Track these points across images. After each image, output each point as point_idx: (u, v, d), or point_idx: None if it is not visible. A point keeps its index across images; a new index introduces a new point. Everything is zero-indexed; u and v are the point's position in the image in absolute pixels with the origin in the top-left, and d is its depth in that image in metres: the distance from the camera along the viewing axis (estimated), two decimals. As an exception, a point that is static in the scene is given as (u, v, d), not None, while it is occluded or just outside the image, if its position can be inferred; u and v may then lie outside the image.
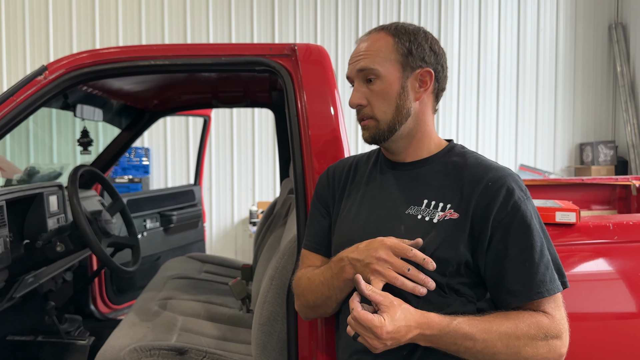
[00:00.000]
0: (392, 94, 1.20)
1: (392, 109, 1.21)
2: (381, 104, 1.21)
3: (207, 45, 1.70)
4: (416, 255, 1.08)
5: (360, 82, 1.23)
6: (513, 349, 1.06)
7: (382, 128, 1.22)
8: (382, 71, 1.19)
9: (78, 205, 1.95)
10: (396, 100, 1.20)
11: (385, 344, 1.03)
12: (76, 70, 1.59)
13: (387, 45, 1.21)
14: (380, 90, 1.20)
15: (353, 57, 1.25)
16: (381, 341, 1.02)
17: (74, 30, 5.27)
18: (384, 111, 1.21)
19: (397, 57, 1.20)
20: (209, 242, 5.52)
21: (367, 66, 1.20)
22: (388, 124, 1.21)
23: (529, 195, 1.16)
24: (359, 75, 1.23)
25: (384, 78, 1.20)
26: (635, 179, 3.15)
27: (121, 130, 2.96)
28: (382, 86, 1.20)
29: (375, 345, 1.03)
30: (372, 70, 1.20)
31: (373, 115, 1.22)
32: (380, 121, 1.21)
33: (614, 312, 1.43)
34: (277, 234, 2.17)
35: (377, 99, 1.21)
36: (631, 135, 5.70)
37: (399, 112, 1.21)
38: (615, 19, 5.98)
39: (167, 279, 2.63)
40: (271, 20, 5.53)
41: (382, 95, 1.20)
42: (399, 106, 1.21)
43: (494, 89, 5.91)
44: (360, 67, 1.21)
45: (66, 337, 2.43)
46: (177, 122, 5.48)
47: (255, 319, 1.64)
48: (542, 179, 3.53)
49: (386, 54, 1.20)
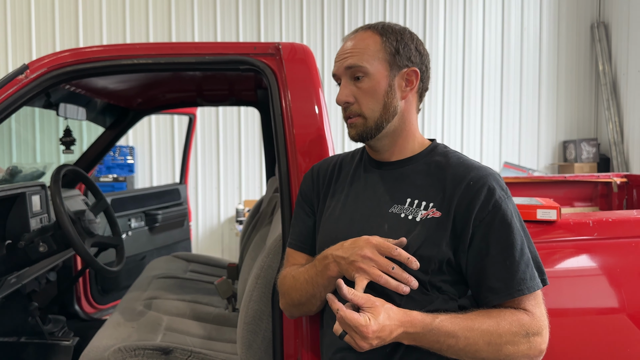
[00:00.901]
0: (379, 91, 1.21)
1: (379, 106, 1.21)
2: (369, 102, 1.21)
3: (191, 44, 1.69)
4: (400, 254, 1.09)
5: (347, 80, 1.23)
6: (495, 347, 1.07)
7: (369, 126, 1.22)
8: (370, 69, 1.20)
9: (61, 205, 1.93)
10: (384, 98, 1.21)
11: (370, 344, 1.03)
12: (58, 69, 1.57)
13: (375, 44, 1.21)
14: (368, 88, 1.21)
15: (340, 54, 1.25)
16: (367, 340, 1.02)
17: (56, 29, 5.20)
18: (372, 109, 1.22)
19: (385, 56, 1.21)
20: (195, 241, 5.50)
21: (355, 63, 1.21)
22: (375, 121, 1.22)
23: (510, 195, 1.18)
24: (347, 72, 1.23)
25: (372, 76, 1.20)
26: (617, 176, 3.20)
27: (105, 128, 2.93)
28: (370, 84, 1.21)
29: (361, 344, 1.03)
30: (360, 67, 1.20)
31: (361, 113, 1.22)
32: (368, 119, 1.22)
33: (594, 308, 1.45)
34: (263, 232, 2.18)
35: (365, 96, 1.21)
36: (613, 133, 5.78)
37: (386, 110, 1.22)
38: (597, 18, 6.06)
39: (152, 279, 2.62)
40: (257, 19, 5.51)
41: (370, 93, 1.21)
42: (386, 104, 1.22)
43: (479, 88, 5.96)
44: (349, 64, 1.22)
45: (50, 338, 2.41)
46: (162, 120, 5.44)
47: (241, 317, 1.64)
48: (526, 177, 3.56)
49: (374, 52, 1.21)
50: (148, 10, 5.32)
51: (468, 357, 1.09)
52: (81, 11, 5.22)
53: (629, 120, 5.67)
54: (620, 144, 5.76)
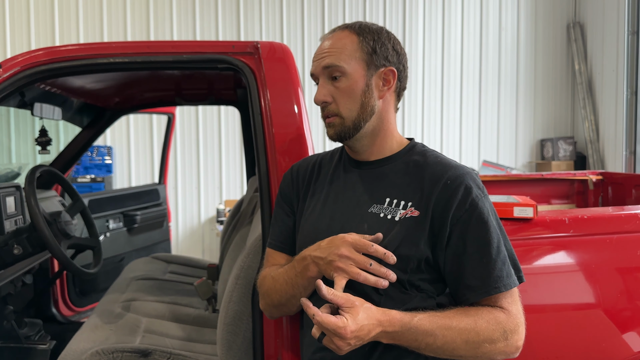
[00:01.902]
0: (357, 91, 1.21)
1: (357, 106, 1.22)
2: (346, 102, 1.22)
3: (168, 43, 1.67)
4: (377, 251, 1.10)
5: (325, 79, 1.23)
6: (472, 344, 1.08)
7: (347, 125, 1.22)
8: (347, 68, 1.20)
9: (36, 207, 1.89)
10: (361, 98, 1.21)
11: (349, 344, 1.03)
12: (31, 68, 1.54)
13: (352, 43, 1.22)
14: (345, 88, 1.21)
15: (317, 54, 1.25)
16: (345, 341, 1.03)
17: (32, 27, 5.10)
18: (349, 108, 1.22)
19: (362, 55, 1.21)
20: (175, 242, 5.45)
21: (332, 63, 1.21)
22: (353, 121, 1.22)
23: (486, 193, 1.19)
24: (324, 72, 1.23)
25: (349, 75, 1.21)
26: (593, 174, 3.26)
27: (82, 128, 2.89)
28: (347, 83, 1.21)
29: (340, 345, 1.03)
30: (337, 67, 1.20)
31: (338, 113, 1.23)
32: (346, 118, 1.22)
33: (570, 304, 1.47)
34: (243, 232, 2.16)
35: (343, 96, 1.22)
36: (589, 131, 5.88)
37: (363, 110, 1.22)
38: (573, 18, 6.15)
39: (130, 280, 2.59)
40: (236, 18, 5.48)
41: (348, 93, 1.21)
42: (363, 104, 1.22)
43: (458, 87, 6.01)
44: (326, 64, 1.22)
45: (26, 342, 2.36)
46: (140, 119, 5.37)
47: (221, 318, 1.63)
48: (504, 175, 3.61)
49: (351, 51, 1.21)
50: (126, 8, 5.25)
51: (446, 355, 1.10)
52: (57, 9, 5.13)
53: (604, 119, 5.77)
54: (595, 142, 5.86)
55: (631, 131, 5.44)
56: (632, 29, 5.38)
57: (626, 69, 5.41)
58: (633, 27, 5.37)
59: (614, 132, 5.62)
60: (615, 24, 5.54)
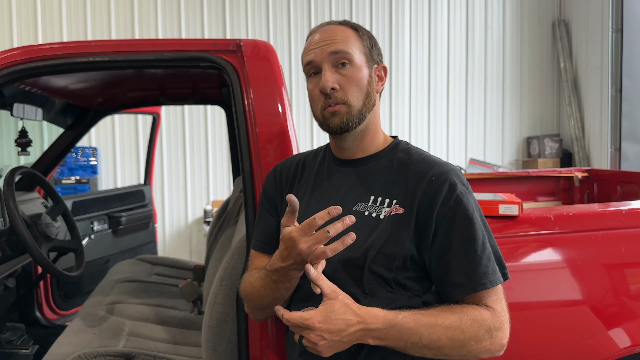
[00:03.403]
0: (363, 80, 1.21)
1: (363, 95, 1.21)
2: (354, 89, 1.20)
3: (149, 41, 1.64)
4: (322, 217, 1.02)
5: (329, 66, 1.20)
6: (458, 342, 1.07)
7: (353, 114, 1.20)
8: (355, 57, 1.20)
9: (15, 209, 1.86)
10: (367, 88, 1.22)
11: (323, 337, 1.01)
12: (8, 67, 1.51)
13: (354, 36, 1.23)
14: (353, 76, 1.20)
15: (319, 42, 1.22)
16: (317, 333, 1.00)
17: (14, 26, 5.03)
18: (357, 97, 1.20)
19: (363, 49, 1.23)
20: (162, 243, 5.40)
21: (342, 49, 1.19)
22: (359, 110, 1.20)
23: (471, 190, 1.19)
24: (330, 58, 1.20)
25: (356, 64, 1.20)
26: (578, 171, 3.28)
27: (64, 129, 2.84)
28: (354, 71, 1.20)
29: (315, 340, 1.01)
30: (346, 54, 1.19)
31: (346, 101, 1.19)
32: (353, 107, 1.20)
33: (556, 301, 1.47)
34: (229, 233, 2.14)
35: (350, 83, 1.19)
36: (574, 129, 5.92)
37: (369, 100, 1.22)
38: (558, 17, 6.19)
39: (115, 283, 2.55)
40: (222, 16, 5.44)
41: (355, 81, 1.20)
42: (369, 93, 1.22)
43: (444, 86, 6.02)
44: (334, 49, 1.19)
45: (7, 347, 2.32)
46: (125, 120, 5.31)
47: (205, 320, 1.61)
48: (491, 172, 3.62)
49: (354, 42, 1.22)
50: (110, 6, 5.19)
51: (432, 354, 1.09)
52: (39, 8, 5.06)
53: (589, 116, 5.82)
54: (581, 139, 5.91)
55: (616, 128, 5.48)
56: (616, 27, 5.42)
57: (611, 67, 5.45)
58: (617, 25, 5.41)
59: (599, 129, 5.66)
60: (599, 22, 5.58)
